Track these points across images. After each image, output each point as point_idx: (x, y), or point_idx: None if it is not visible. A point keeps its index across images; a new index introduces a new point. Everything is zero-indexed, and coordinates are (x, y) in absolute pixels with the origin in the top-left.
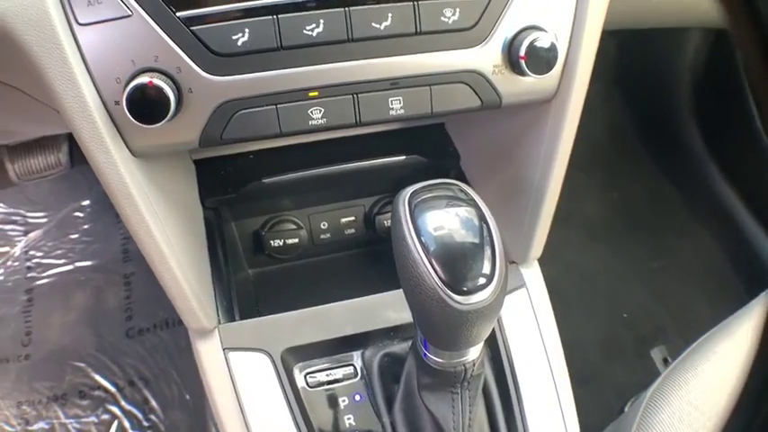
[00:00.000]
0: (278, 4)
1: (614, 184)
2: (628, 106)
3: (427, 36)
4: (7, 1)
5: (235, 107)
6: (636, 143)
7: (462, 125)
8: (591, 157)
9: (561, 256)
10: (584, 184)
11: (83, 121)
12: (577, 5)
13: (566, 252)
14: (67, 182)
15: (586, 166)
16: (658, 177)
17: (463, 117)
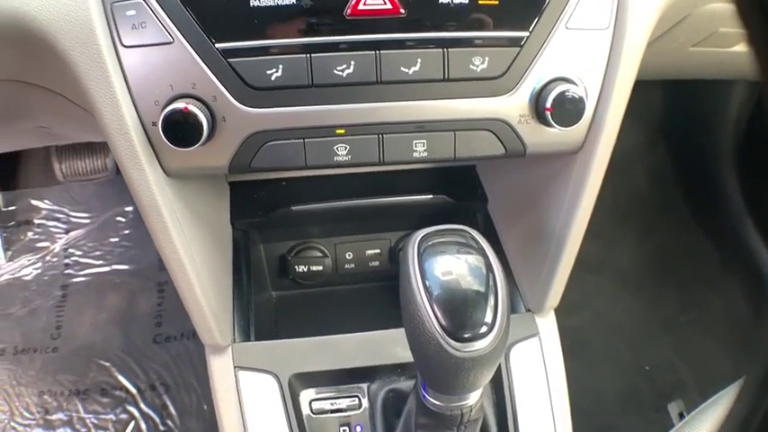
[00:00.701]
0: (312, 44)
1: (650, 235)
2: (670, 156)
3: (455, 83)
4: (54, 16)
5: (264, 138)
6: (676, 194)
7: (492, 168)
8: (630, 206)
9: (590, 304)
10: (621, 233)
11: (120, 138)
12: (610, 59)
13: (595, 301)
14: (113, 186)
15: (624, 216)
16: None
17: (493, 160)
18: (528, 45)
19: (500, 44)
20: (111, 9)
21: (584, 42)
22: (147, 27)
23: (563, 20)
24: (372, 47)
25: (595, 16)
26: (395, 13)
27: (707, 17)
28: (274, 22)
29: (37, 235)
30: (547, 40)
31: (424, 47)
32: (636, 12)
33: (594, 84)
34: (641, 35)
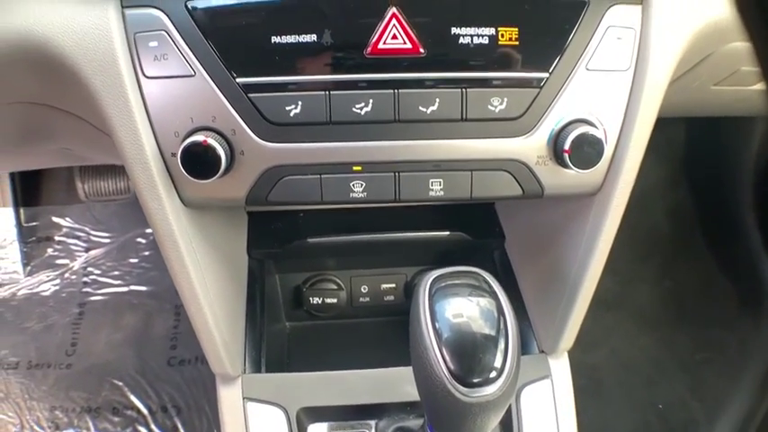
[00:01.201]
0: (331, 81)
1: (669, 273)
2: (691, 193)
3: (473, 123)
4: (77, 43)
5: (281, 172)
6: (696, 232)
7: (511, 206)
8: (650, 244)
9: (607, 342)
10: (639, 270)
11: (139, 167)
12: (630, 100)
13: (612, 339)
14: (134, 208)
15: (644, 253)
16: (714, 269)
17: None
18: (547, 86)
19: (519, 85)
20: (135, 39)
21: (604, 83)
22: (169, 59)
23: (583, 61)
24: (391, 86)
25: (616, 58)
26: (414, 52)
27: (729, 56)
28: (295, 59)
29: (57, 252)
30: (567, 81)
31: (443, 87)
32: (657, 53)
33: (614, 125)
34: (663, 76)
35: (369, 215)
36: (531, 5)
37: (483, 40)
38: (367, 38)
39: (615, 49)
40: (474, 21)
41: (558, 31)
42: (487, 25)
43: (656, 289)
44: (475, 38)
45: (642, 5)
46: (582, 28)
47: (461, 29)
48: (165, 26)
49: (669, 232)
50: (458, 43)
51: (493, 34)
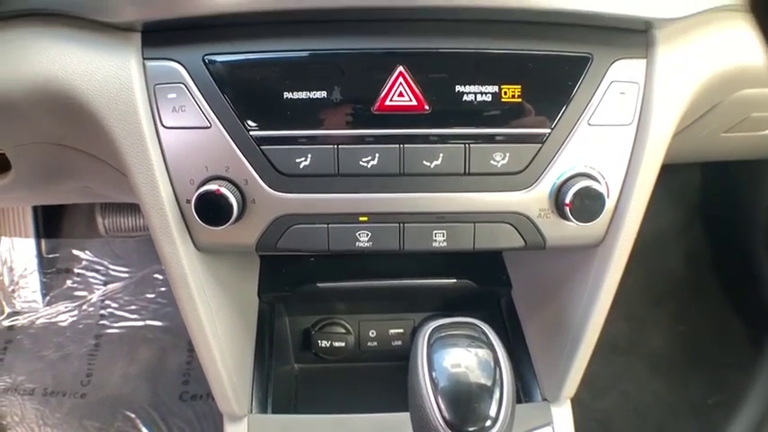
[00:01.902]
0: (339, 136)
1: (683, 317)
2: (706, 236)
3: (475, 176)
4: (100, 92)
5: (290, 221)
6: (711, 276)
7: (518, 254)
8: (664, 288)
9: (618, 386)
10: (653, 314)
11: (155, 212)
12: (633, 154)
13: (623, 383)
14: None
15: (658, 297)
16: (728, 312)
17: None
18: (549, 141)
19: (521, 140)
20: (154, 90)
21: (606, 138)
22: (186, 111)
23: (585, 117)
24: (397, 140)
25: (619, 112)
26: (419, 109)
27: (738, 104)
28: (305, 114)
29: (76, 284)
30: (569, 136)
31: (447, 142)
32: (661, 107)
33: (616, 179)
34: (666, 130)
35: (377, 261)
36: (534, 63)
37: (486, 97)
38: (375, 95)
39: (618, 103)
40: (477, 79)
41: (561, 88)
42: (491, 83)
43: (669, 333)
44: (478, 95)
45: (647, 59)
46: (585, 83)
47: (465, 87)
48: (184, 79)
49: (683, 276)
50: (461, 100)
51: (496, 92)
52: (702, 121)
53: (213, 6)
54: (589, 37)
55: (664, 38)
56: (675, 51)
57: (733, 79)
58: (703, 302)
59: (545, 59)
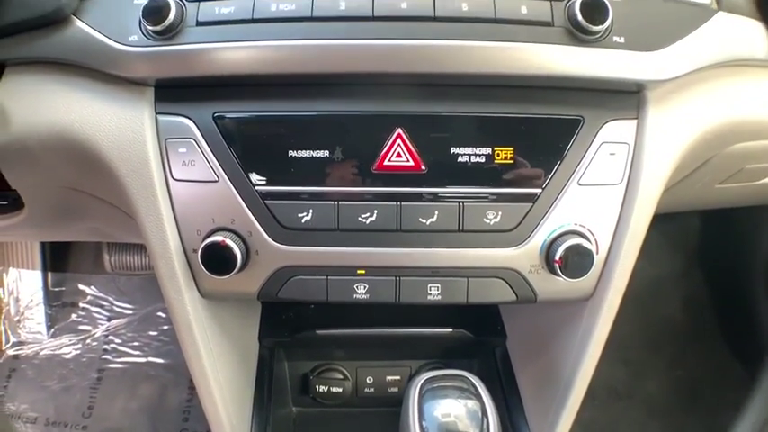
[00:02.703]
0: (340, 193)
1: (682, 362)
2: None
3: (469, 233)
4: (114, 144)
5: (292, 272)
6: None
7: (512, 306)
8: (663, 334)
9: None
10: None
11: (163, 260)
12: (622, 212)
13: (620, 428)
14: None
15: (656, 342)
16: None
17: None
18: (540, 201)
19: (513, 200)
20: (165, 144)
21: (596, 197)
22: (195, 165)
23: (576, 177)
24: (394, 198)
25: (609, 172)
26: (416, 169)
27: (732, 157)
28: (308, 172)
29: (80, 318)
30: (559, 196)
31: (442, 201)
32: (651, 167)
33: (605, 236)
34: (655, 189)
35: (375, 309)
36: (526, 126)
37: (480, 158)
38: (374, 155)
39: (608, 164)
40: (472, 141)
41: (553, 149)
42: (484, 145)
43: (667, 378)
44: (472, 156)
45: (637, 120)
46: (576, 145)
47: (460, 148)
48: (194, 135)
49: (682, 321)
50: (456, 161)
51: (489, 153)
52: (696, 174)
53: (224, 68)
54: (581, 99)
55: (655, 98)
56: (666, 111)
57: (725, 135)
58: (702, 347)
59: (537, 122)
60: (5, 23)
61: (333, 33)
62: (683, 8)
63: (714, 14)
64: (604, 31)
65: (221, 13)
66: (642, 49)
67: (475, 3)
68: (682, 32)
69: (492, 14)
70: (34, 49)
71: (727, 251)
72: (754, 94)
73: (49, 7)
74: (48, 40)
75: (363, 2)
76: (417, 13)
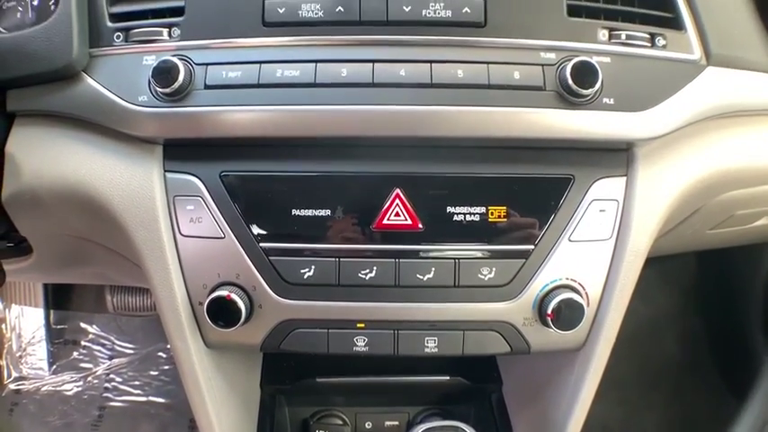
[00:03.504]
0: (341, 250)
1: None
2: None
3: (464, 289)
4: (125, 200)
5: (294, 325)
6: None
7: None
8: (660, 371)
9: None
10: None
11: (170, 312)
12: (611, 266)
13: None
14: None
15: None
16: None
17: None
18: (533, 257)
19: (506, 256)
20: (174, 201)
21: (586, 253)
22: (203, 222)
23: (567, 234)
24: (393, 255)
25: (599, 229)
26: (414, 228)
27: (721, 205)
28: (311, 230)
29: (82, 356)
30: (551, 252)
31: (438, 258)
32: (639, 223)
33: (596, 289)
34: (644, 243)
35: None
36: (519, 185)
37: (474, 217)
38: (374, 214)
39: (598, 220)
40: (467, 200)
41: (544, 208)
42: (479, 204)
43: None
44: (467, 215)
45: (626, 177)
46: (567, 203)
47: (455, 208)
48: (202, 193)
49: (678, 358)
50: (452, 220)
51: (483, 212)
52: (686, 222)
53: (230, 130)
54: (571, 158)
55: (643, 155)
56: (654, 167)
57: (714, 186)
58: (699, 384)
59: (529, 181)
60: (15, 75)
61: (335, 99)
62: (671, 66)
63: (703, 70)
64: (594, 94)
65: (229, 77)
66: (631, 109)
67: (470, 70)
68: (670, 91)
69: (486, 81)
70: (44, 102)
71: (723, 288)
72: (742, 143)
73: (60, 63)
74: (57, 94)
75: (364, 69)
76: (415, 80)
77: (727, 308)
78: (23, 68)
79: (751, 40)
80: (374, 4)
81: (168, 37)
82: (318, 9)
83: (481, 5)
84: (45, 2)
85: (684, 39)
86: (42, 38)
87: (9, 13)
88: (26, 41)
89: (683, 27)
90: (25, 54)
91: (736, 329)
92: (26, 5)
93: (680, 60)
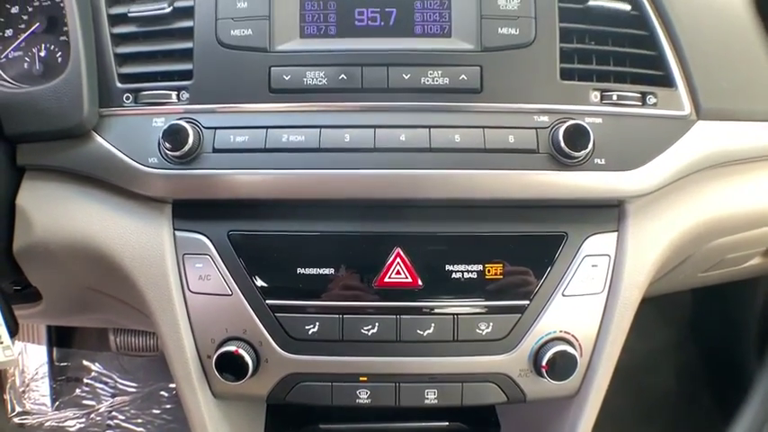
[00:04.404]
0: (344, 307)
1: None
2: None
3: (463, 343)
4: (136, 258)
5: (299, 378)
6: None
7: None
8: (655, 404)
9: None
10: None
11: (179, 364)
12: (603, 318)
13: None
14: (160, 363)
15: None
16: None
17: None
18: (528, 312)
19: (503, 312)
20: (183, 259)
21: (579, 306)
22: (211, 279)
23: (560, 289)
24: (394, 312)
25: (591, 283)
26: (414, 285)
27: (711, 251)
28: (315, 288)
29: (84, 393)
30: (545, 306)
31: (438, 314)
32: (630, 276)
33: (588, 340)
34: (635, 296)
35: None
36: (514, 243)
37: (472, 274)
38: (376, 272)
39: (590, 275)
40: (464, 259)
41: (539, 264)
42: (476, 262)
43: None
44: (465, 273)
45: (618, 232)
46: (560, 259)
47: (453, 266)
48: (210, 251)
49: (675, 391)
50: (450, 278)
51: (480, 270)
52: (676, 270)
53: (238, 192)
54: (564, 216)
55: (634, 210)
56: (645, 221)
57: (704, 235)
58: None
59: (525, 239)
60: (25, 131)
61: (339, 164)
62: (662, 123)
63: (692, 126)
64: (586, 155)
65: (236, 141)
66: (622, 168)
67: (466, 134)
68: (661, 148)
69: (482, 145)
70: (54, 158)
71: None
72: (731, 191)
73: (70, 123)
74: (67, 151)
75: (366, 134)
76: (415, 145)
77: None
78: (33, 125)
79: (741, 90)
80: (375, 72)
81: (177, 99)
82: (322, 77)
83: (477, 72)
84: (53, 54)
85: (675, 95)
86: (52, 96)
87: (15, 63)
88: (36, 99)
89: (674, 84)
90: (35, 111)
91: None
92: (33, 56)
93: (670, 117)
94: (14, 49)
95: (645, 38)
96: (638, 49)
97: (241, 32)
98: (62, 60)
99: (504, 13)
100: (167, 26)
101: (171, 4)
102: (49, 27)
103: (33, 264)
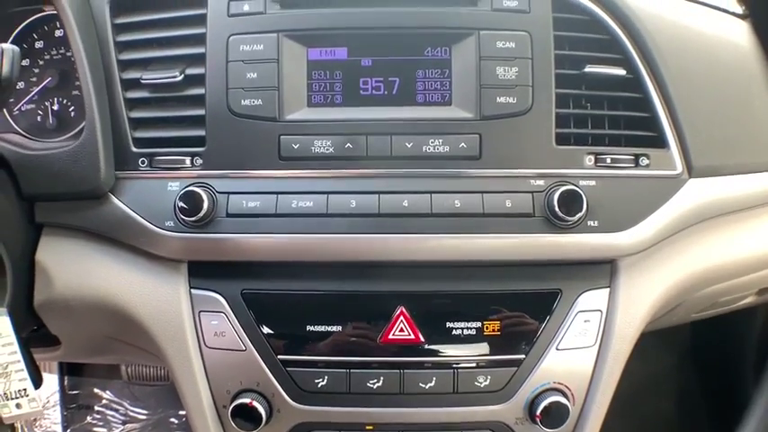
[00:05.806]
0: (351, 362)
1: None
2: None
3: (462, 395)
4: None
5: (309, 427)
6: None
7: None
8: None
9: None
10: None
11: (196, 413)
12: (595, 369)
13: None
14: (169, 390)
15: None
16: None
17: None
18: (524, 365)
19: (500, 365)
20: (199, 316)
21: (572, 359)
22: (226, 336)
23: (554, 343)
24: (397, 366)
25: (584, 337)
26: (416, 341)
27: (703, 297)
28: (323, 344)
29: (96, 420)
30: (540, 360)
31: (439, 368)
32: (621, 330)
33: (580, 390)
34: (625, 347)
35: None
36: (511, 300)
37: (471, 331)
38: (381, 329)
39: (583, 330)
40: (464, 316)
41: (534, 320)
42: (475, 320)
43: None
44: (464, 330)
45: (610, 288)
46: (555, 315)
47: (454, 323)
48: (225, 309)
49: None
50: (451, 334)
51: (479, 326)
52: (668, 315)
53: (251, 255)
54: (558, 274)
55: (625, 266)
56: (636, 277)
57: (695, 284)
58: None
59: (521, 296)
60: (42, 192)
61: (345, 228)
62: (654, 183)
63: (684, 184)
64: (579, 219)
65: (248, 207)
66: (615, 229)
67: (466, 200)
68: (653, 207)
69: (481, 210)
70: (72, 218)
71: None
72: (721, 241)
73: (88, 186)
74: (85, 212)
75: (370, 200)
76: (416, 210)
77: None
78: (50, 186)
79: (732, 145)
80: (379, 141)
81: (191, 165)
82: (329, 146)
83: (477, 140)
84: (65, 108)
85: (667, 156)
86: (70, 159)
87: (28, 116)
88: (53, 161)
89: (667, 145)
90: (52, 173)
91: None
92: (46, 110)
93: (663, 177)
94: (27, 102)
95: (639, 100)
96: (633, 112)
97: (251, 102)
98: (75, 114)
99: (503, 83)
100: (179, 93)
101: (182, 72)
102: (61, 81)
103: (53, 315)
